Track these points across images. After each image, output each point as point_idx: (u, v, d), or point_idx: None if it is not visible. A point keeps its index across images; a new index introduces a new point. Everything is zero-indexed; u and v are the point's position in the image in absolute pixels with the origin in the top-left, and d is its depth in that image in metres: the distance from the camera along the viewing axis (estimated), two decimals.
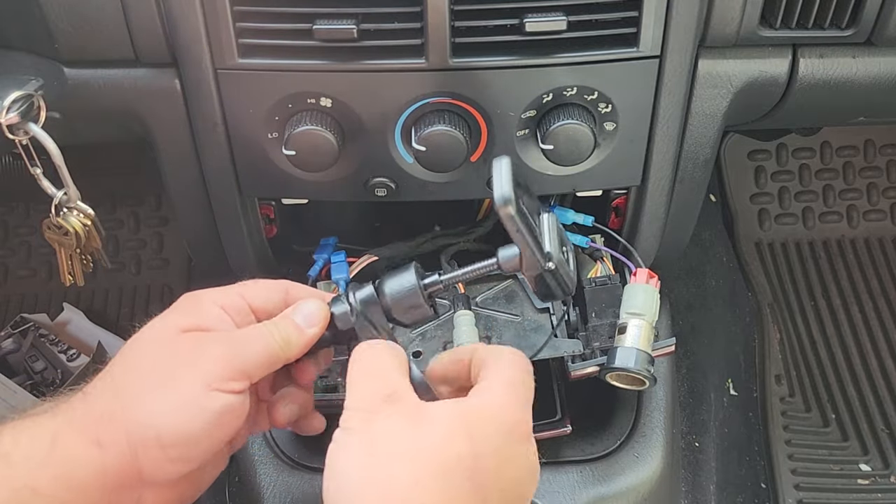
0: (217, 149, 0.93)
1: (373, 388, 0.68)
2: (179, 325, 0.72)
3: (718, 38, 0.91)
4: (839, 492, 1.45)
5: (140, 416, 0.68)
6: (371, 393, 0.67)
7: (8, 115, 0.83)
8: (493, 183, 0.69)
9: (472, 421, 0.65)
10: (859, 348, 1.69)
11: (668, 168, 0.98)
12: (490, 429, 0.65)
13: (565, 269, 0.74)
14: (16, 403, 1.48)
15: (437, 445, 0.63)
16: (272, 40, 0.85)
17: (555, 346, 0.97)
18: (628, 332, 0.92)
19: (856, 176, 1.91)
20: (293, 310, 0.75)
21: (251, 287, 0.77)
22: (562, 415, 1.03)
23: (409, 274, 0.75)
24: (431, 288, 0.75)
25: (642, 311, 0.93)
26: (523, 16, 0.83)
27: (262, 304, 0.76)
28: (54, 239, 0.95)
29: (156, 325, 0.73)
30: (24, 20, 0.88)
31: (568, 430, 1.01)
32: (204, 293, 0.76)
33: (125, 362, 0.72)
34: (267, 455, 1.06)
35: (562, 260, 0.73)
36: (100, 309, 1.77)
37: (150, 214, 1.86)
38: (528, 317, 1.00)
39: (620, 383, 0.94)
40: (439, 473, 0.62)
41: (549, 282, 0.73)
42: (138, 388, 0.69)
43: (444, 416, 0.65)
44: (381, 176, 0.93)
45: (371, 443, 0.64)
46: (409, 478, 0.62)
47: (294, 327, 0.74)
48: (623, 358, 0.91)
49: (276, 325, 0.73)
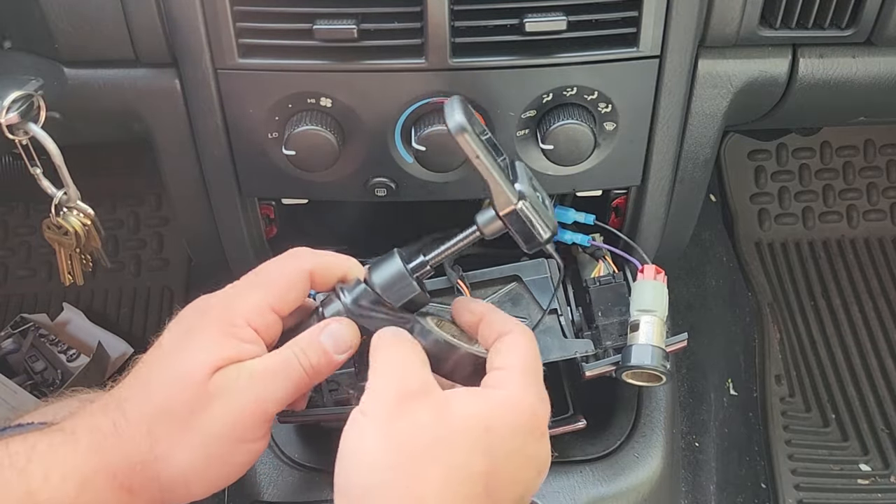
0: (217, 149, 0.93)
1: (400, 377, 0.66)
2: (209, 364, 0.68)
3: (718, 38, 0.91)
4: (839, 492, 1.45)
5: (172, 469, 0.68)
6: (398, 381, 0.66)
7: (8, 115, 0.83)
8: (445, 114, 0.68)
9: (496, 419, 0.65)
10: (859, 348, 1.69)
11: (668, 168, 0.98)
12: (511, 428, 0.65)
13: (540, 206, 0.72)
14: (16, 404, 1.48)
15: (460, 447, 0.63)
16: (272, 40, 0.85)
17: (565, 347, 0.96)
18: (641, 328, 0.92)
19: (856, 176, 1.91)
20: (321, 330, 0.72)
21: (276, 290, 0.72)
22: (574, 410, 1.02)
23: (394, 260, 0.74)
24: (419, 271, 0.75)
25: (653, 308, 0.93)
26: (523, 16, 0.83)
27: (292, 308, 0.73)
28: (54, 239, 0.95)
29: (181, 358, 0.69)
30: (24, 20, 0.88)
31: (583, 425, 1.00)
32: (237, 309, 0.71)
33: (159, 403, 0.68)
34: (267, 455, 1.06)
35: (535, 196, 0.72)
36: (100, 309, 1.77)
37: (150, 214, 1.86)
38: (536, 319, 0.99)
39: (636, 381, 0.93)
40: (460, 478, 0.62)
41: (526, 222, 0.71)
42: (171, 441, 0.67)
43: (467, 413, 0.65)
44: (381, 176, 0.93)
45: (396, 435, 0.63)
46: (434, 480, 0.62)
47: (323, 354, 0.71)
48: (639, 355, 0.90)
49: (305, 352, 0.70)
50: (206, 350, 0.68)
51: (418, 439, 0.63)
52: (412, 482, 0.61)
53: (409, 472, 0.62)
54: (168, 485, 0.68)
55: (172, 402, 0.68)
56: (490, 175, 0.70)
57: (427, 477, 0.62)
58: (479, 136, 0.70)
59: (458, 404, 0.65)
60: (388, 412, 0.64)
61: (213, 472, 0.69)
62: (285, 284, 0.72)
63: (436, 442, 0.63)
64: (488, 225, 0.72)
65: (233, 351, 0.69)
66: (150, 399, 0.69)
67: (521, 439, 0.66)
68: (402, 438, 0.63)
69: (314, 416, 0.97)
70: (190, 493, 0.69)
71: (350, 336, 0.72)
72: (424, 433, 0.63)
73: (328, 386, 0.97)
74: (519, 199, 0.70)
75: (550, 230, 0.73)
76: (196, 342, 0.69)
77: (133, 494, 0.67)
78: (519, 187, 0.71)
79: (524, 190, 0.71)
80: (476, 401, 0.66)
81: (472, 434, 0.64)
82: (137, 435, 0.67)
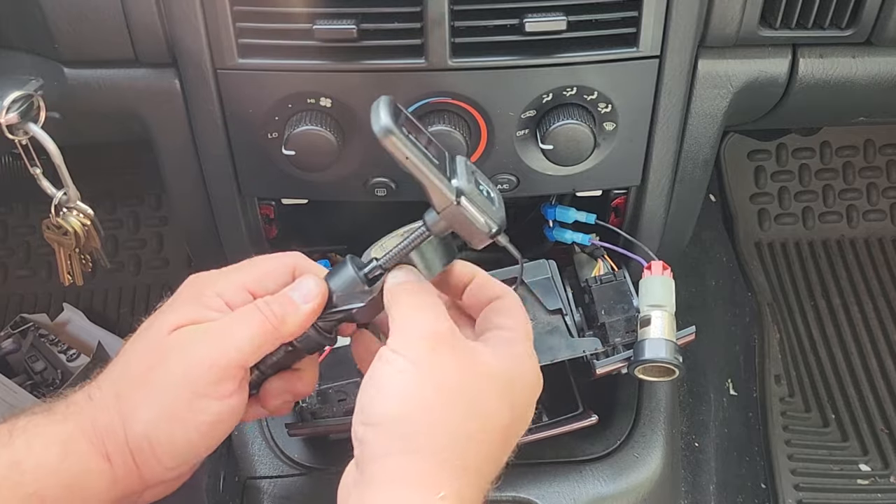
0: (217, 149, 0.93)
1: (431, 319, 0.67)
2: (171, 324, 0.70)
3: (718, 38, 0.91)
4: (839, 492, 1.45)
5: (136, 427, 0.68)
6: (429, 323, 0.67)
7: (8, 115, 0.83)
8: (371, 118, 0.66)
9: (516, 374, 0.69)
10: (859, 348, 1.69)
11: (668, 168, 0.98)
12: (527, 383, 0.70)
13: (482, 200, 0.70)
14: (16, 403, 1.48)
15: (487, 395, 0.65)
16: (272, 40, 0.85)
17: (573, 346, 0.96)
18: (652, 323, 0.92)
19: (856, 176, 1.91)
20: (290, 287, 0.73)
21: (256, 273, 0.75)
22: (583, 407, 1.03)
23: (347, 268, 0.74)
24: (372, 274, 0.74)
25: (663, 303, 0.93)
26: (523, 16, 0.83)
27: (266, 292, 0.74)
28: (54, 239, 0.95)
29: (150, 324, 0.72)
30: (24, 20, 0.88)
31: (595, 420, 1.00)
32: (207, 282, 0.74)
33: (122, 365, 0.71)
34: (267, 455, 1.06)
35: (476, 192, 0.70)
36: (100, 309, 1.77)
37: (150, 214, 1.86)
38: (542, 319, 0.99)
39: (648, 376, 0.94)
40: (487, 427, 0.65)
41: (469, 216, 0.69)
42: (133, 398, 0.69)
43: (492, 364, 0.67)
44: (381, 176, 0.93)
45: (430, 377, 0.64)
46: (463, 424, 0.63)
47: (288, 302, 0.71)
48: (653, 349, 0.91)
49: (269, 303, 0.71)
50: (174, 315, 0.71)
51: (450, 380, 0.64)
52: (444, 415, 0.63)
53: (441, 406, 0.63)
54: (136, 447, 0.68)
55: (133, 363, 0.70)
56: (423, 175, 0.67)
57: (456, 414, 0.63)
58: (409, 135, 0.67)
59: (484, 355, 0.67)
60: (419, 351, 0.65)
61: (176, 429, 0.68)
62: (265, 270, 0.75)
63: (465, 385, 0.65)
64: (435, 224, 0.70)
65: (195, 314, 0.70)
66: (116, 365, 0.71)
67: (533, 396, 0.70)
68: (434, 376, 0.64)
69: (324, 426, 0.97)
70: (158, 458, 0.68)
71: (316, 287, 0.72)
72: (454, 376, 0.65)
73: (337, 396, 0.97)
74: (457, 195, 0.68)
75: (497, 224, 0.70)
76: (166, 311, 0.72)
77: (111, 462, 0.68)
78: (456, 184, 0.68)
79: (462, 186, 0.68)
80: (501, 355, 0.68)
81: (498, 385, 0.66)
82: (107, 398, 0.69)
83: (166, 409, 0.68)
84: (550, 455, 1.04)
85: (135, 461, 0.68)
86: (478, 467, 0.64)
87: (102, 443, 0.68)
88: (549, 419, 1.02)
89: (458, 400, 0.64)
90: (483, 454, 0.64)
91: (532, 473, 1.02)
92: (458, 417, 0.63)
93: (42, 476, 0.66)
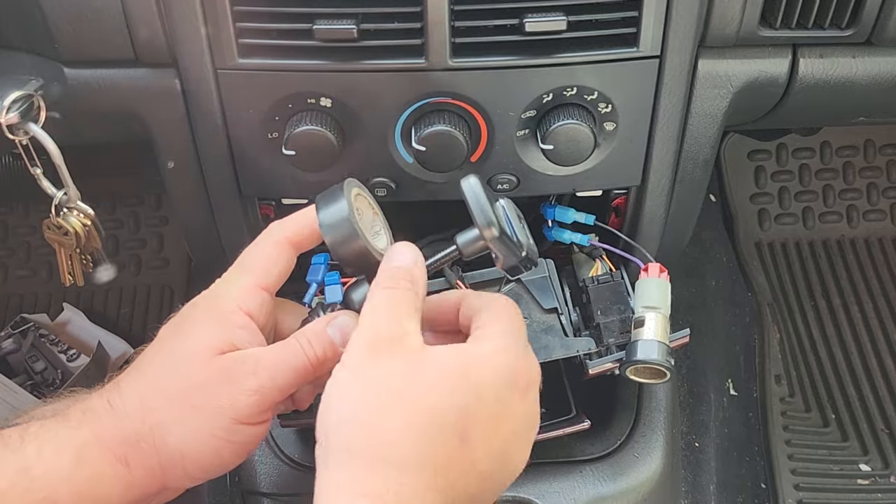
0: (217, 149, 0.93)
1: (379, 327, 0.66)
2: (212, 347, 0.70)
3: (718, 38, 0.91)
4: (839, 492, 1.45)
5: (170, 441, 0.69)
6: (373, 330, 0.66)
7: (8, 115, 0.83)
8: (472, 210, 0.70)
9: (472, 368, 0.65)
10: (859, 348, 1.69)
11: (668, 168, 0.98)
12: (490, 377, 0.65)
13: (533, 251, 0.76)
14: (16, 404, 1.48)
15: (434, 392, 0.63)
16: (272, 40, 0.85)
17: (568, 346, 0.97)
18: (646, 325, 0.92)
19: (856, 176, 1.91)
20: (328, 322, 0.73)
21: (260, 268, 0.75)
22: (577, 411, 1.02)
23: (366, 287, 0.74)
24: None
25: (657, 305, 0.93)
26: (523, 16, 0.83)
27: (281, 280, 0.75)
28: (54, 239, 0.95)
29: (177, 337, 0.72)
30: (24, 20, 0.88)
31: (587, 425, 1.00)
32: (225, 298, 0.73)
33: (150, 378, 0.71)
34: (267, 455, 1.06)
35: (531, 245, 0.76)
36: (100, 309, 1.77)
37: (150, 214, 1.86)
38: (537, 318, 0.99)
39: (639, 377, 0.94)
40: (431, 421, 0.62)
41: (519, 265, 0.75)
42: (168, 414, 0.69)
43: (443, 361, 0.65)
44: (381, 176, 0.93)
45: (367, 383, 0.63)
46: (400, 422, 0.62)
47: (329, 345, 0.72)
48: (645, 350, 0.91)
49: (311, 343, 0.71)
50: (204, 334, 0.70)
51: (389, 384, 0.63)
52: (378, 419, 0.62)
53: (375, 412, 0.62)
54: (167, 461, 0.69)
55: (168, 380, 0.70)
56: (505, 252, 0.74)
57: (392, 416, 0.62)
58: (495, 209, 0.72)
59: (435, 353, 0.65)
60: (359, 360, 0.65)
61: (209, 448, 0.69)
62: (266, 261, 0.75)
63: (406, 386, 0.63)
64: (468, 246, 0.74)
65: (229, 335, 0.70)
66: (143, 376, 0.71)
67: (498, 391, 0.65)
68: (371, 382, 0.63)
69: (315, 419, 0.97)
70: (187, 473, 0.69)
71: (351, 323, 0.73)
72: (395, 379, 0.63)
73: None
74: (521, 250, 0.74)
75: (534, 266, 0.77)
76: (192, 329, 0.71)
77: (129, 467, 0.68)
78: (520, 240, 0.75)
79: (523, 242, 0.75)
80: (454, 352, 0.66)
81: (446, 382, 0.64)
82: (130, 407, 0.69)
83: (205, 431, 0.69)
84: (550, 455, 1.04)
85: (161, 468, 0.69)
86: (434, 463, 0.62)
87: (122, 449, 0.68)
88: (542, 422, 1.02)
89: (392, 400, 0.62)
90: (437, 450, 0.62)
91: (532, 473, 1.02)
92: (400, 417, 0.62)
93: (53, 482, 0.66)
